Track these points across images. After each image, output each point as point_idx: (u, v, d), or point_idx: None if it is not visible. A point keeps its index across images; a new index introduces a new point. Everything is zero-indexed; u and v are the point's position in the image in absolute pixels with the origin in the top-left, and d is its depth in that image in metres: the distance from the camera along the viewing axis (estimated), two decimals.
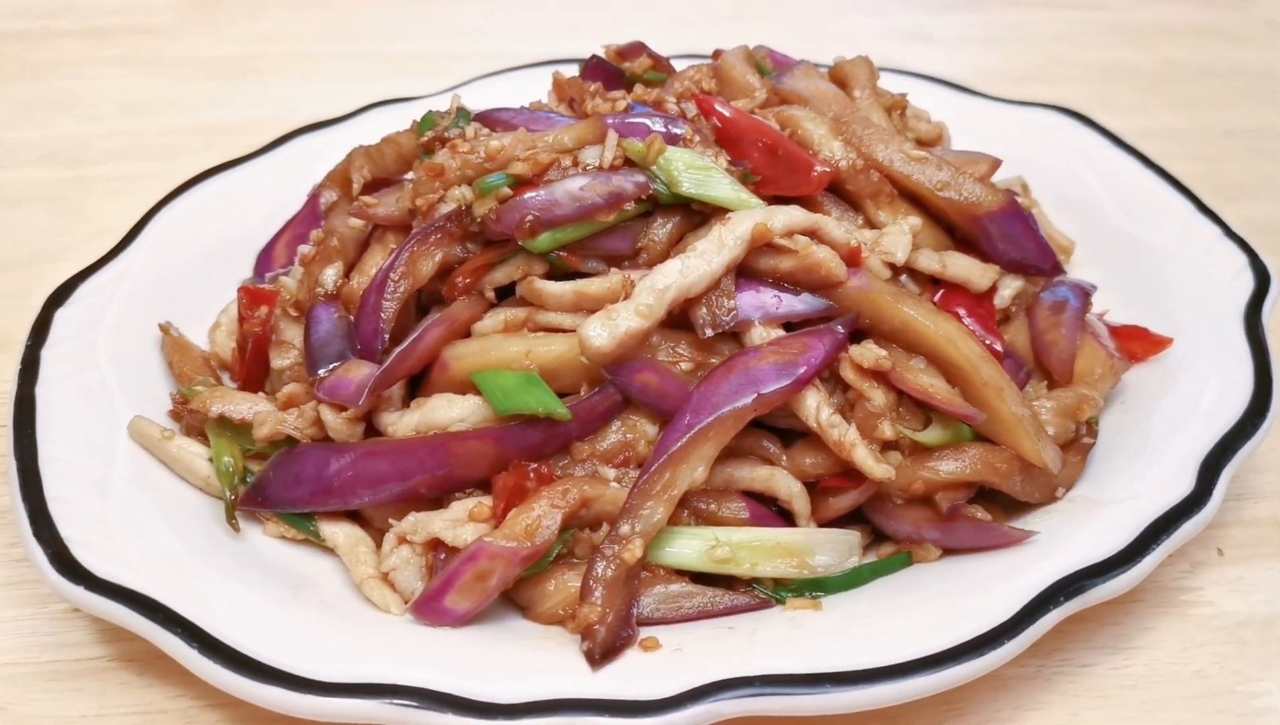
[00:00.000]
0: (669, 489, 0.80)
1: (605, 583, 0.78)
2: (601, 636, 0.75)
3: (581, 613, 0.76)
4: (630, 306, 0.84)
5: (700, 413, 0.81)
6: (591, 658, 0.74)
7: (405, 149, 1.04)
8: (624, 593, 0.78)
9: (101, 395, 0.92)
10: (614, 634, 0.75)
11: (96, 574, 0.76)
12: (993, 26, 1.89)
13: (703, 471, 0.81)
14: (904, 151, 0.96)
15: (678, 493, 0.80)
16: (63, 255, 1.26)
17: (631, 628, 0.77)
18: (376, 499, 0.85)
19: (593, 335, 0.83)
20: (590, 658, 0.75)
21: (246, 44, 1.75)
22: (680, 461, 0.80)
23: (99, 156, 1.46)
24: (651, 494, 0.80)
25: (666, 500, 0.80)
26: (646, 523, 0.80)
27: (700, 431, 0.81)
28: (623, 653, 0.75)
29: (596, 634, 0.75)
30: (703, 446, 0.81)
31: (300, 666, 0.71)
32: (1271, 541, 0.97)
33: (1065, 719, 0.81)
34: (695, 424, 0.81)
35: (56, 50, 1.70)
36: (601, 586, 0.78)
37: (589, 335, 0.83)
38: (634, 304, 0.84)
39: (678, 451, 0.80)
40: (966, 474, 0.85)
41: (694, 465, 0.81)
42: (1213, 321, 1.01)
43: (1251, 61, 1.80)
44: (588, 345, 0.83)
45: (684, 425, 0.81)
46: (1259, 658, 0.86)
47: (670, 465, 0.80)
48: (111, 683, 0.83)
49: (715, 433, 0.81)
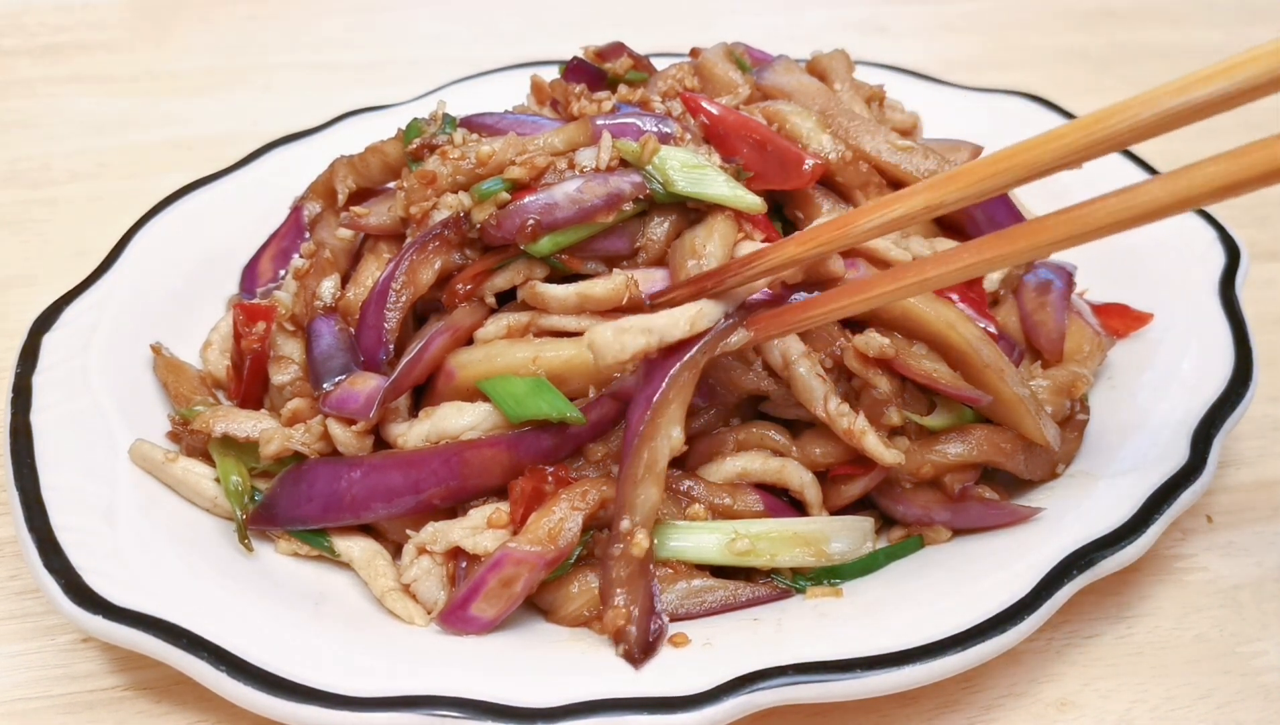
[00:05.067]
0: (652, 468, 0.80)
1: (623, 583, 0.78)
2: (635, 636, 0.75)
3: (608, 619, 0.77)
4: (642, 327, 0.81)
5: (653, 381, 0.81)
6: (632, 658, 0.75)
7: (392, 157, 1.03)
8: (643, 585, 0.79)
9: (98, 420, 0.91)
10: (645, 629, 0.76)
11: (115, 603, 0.75)
12: (945, 16, 1.92)
13: (679, 434, 0.81)
14: (890, 142, 0.98)
15: (662, 466, 0.80)
16: (35, 280, 1.24)
17: (660, 617, 0.78)
18: (390, 512, 0.85)
19: (602, 343, 0.81)
20: (630, 659, 0.75)
21: (201, 57, 1.72)
22: (651, 436, 0.80)
23: (63, 177, 1.43)
24: (638, 480, 0.79)
25: (655, 479, 0.80)
26: (643, 510, 0.80)
27: (660, 399, 0.80)
28: (660, 645, 0.76)
29: (629, 635, 0.76)
30: (667, 410, 0.80)
31: (334, 683, 0.71)
32: (1257, 506, 1.00)
33: (1078, 689, 0.84)
34: (652, 394, 0.80)
35: (8, 70, 1.65)
36: (620, 588, 0.78)
37: (602, 343, 0.81)
38: (647, 328, 0.81)
39: (646, 428, 0.79)
40: (973, 455, 0.87)
41: (667, 432, 0.80)
42: (1189, 296, 1.04)
43: (1195, 41, 1.85)
44: (602, 354, 0.81)
45: (643, 399, 0.80)
46: (1255, 619, 0.89)
47: (645, 443, 0.79)
48: (129, 712, 0.81)
49: (675, 393, 0.81)
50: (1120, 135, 0.65)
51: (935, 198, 0.72)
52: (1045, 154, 0.67)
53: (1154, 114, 0.63)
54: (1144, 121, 0.64)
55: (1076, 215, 0.68)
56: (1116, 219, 0.67)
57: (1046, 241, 0.70)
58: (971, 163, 0.72)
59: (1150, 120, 0.64)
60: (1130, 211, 0.66)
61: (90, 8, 1.83)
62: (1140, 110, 0.64)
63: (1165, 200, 0.65)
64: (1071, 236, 0.69)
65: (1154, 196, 0.66)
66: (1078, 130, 0.66)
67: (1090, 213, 0.68)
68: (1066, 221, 0.69)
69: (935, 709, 0.81)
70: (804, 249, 0.79)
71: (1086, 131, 0.66)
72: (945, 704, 0.82)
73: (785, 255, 0.80)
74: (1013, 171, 0.69)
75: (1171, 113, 0.63)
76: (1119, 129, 0.65)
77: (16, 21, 1.77)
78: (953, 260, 0.75)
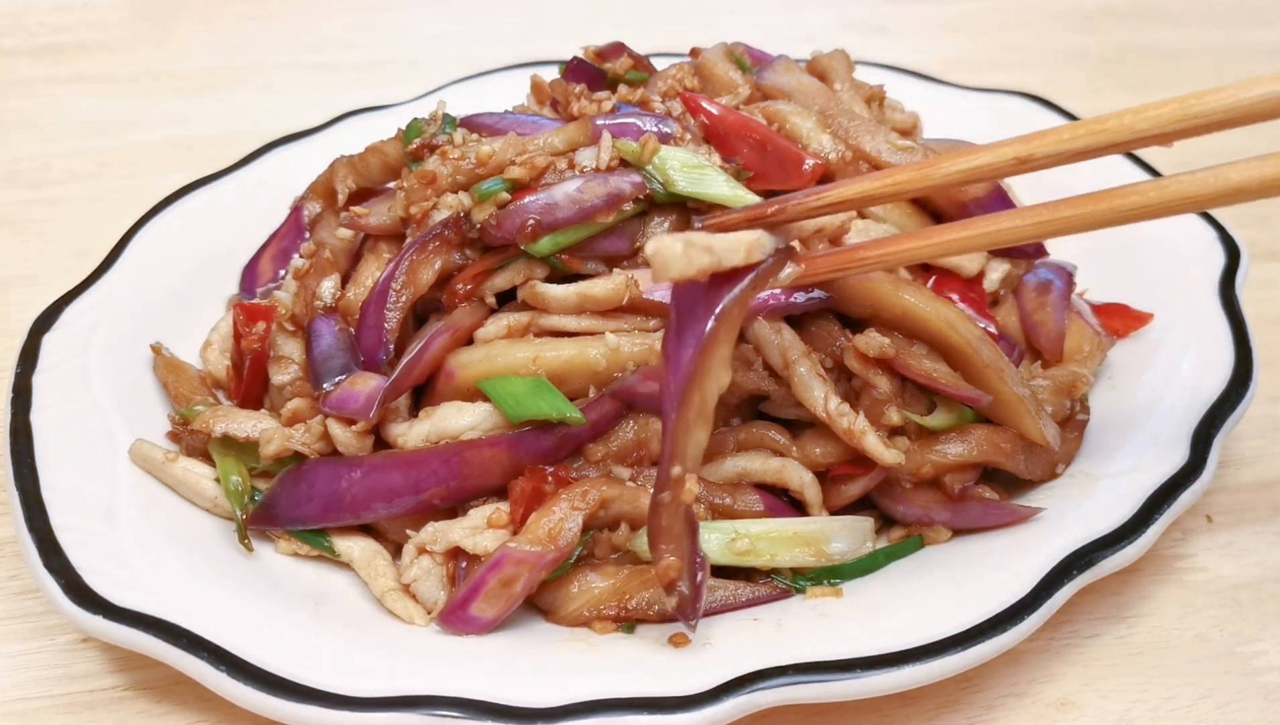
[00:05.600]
0: (703, 411, 0.73)
1: (673, 535, 0.74)
2: (688, 590, 0.74)
3: (660, 570, 0.73)
4: (704, 244, 0.72)
5: (696, 318, 0.73)
6: (685, 612, 0.74)
7: (391, 157, 1.03)
8: (690, 535, 0.76)
9: (98, 420, 0.91)
10: (695, 581, 0.74)
11: (115, 603, 0.75)
12: (945, 16, 1.92)
13: (728, 376, 0.74)
14: (890, 142, 0.98)
15: (711, 408, 0.74)
16: (35, 279, 1.24)
17: (703, 568, 0.76)
18: (390, 512, 0.85)
19: (669, 254, 0.70)
20: (684, 613, 0.74)
21: (201, 57, 1.72)
22: (703, 377, 0.72)
23: (63, 177, 1.43)
24: (690, 425, 0.73)
25: (705, 422, 0.74)
26: (694, 456, 0.74)
27: (711, 336, 0.72)
28: (703, 595, 0.75)
29: (682, 590, 0.74)
30: (718, 349, 0.73)
31: (334, 683, 0.71)
32: (1257, 506, 1.00)
33: (1078, 689, 0.84)
34: (701, 331, 0.72)
35: (9, 70, 1.65)
36: (669, 539, 0.74)
37: (669, 255, 0.70)
38: (708, 246, 0.72)
39: (698, 368, 0.72)
40: (973, 455, 0.87)
41: (716, 374, 0.73)
42: (1189, 296, 1.04)
43: (1195, 41, 1.85)
44: (667, 266, 0.70)
45: (690, 337, 0.73)
46: (1255, 619, 0.89)
47: (695, 386, 0.72)
48: (129, 712, 0.81)
49: (725, 331, 0.73)
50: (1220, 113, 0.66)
51: (1024, 150, 0.70)
52: (1140, 121, 0.67)
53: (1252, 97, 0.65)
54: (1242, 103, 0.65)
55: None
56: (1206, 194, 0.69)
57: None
58: (1066, 125, 0.71)
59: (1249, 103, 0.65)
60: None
61: (90, 8, 1.83)
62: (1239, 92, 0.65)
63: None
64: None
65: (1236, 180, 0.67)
66: (1174, 105, 0.67)
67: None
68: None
69: (935, 709, 0.81)
70: (878, 185, 0.75)
71: (1182, 106, 0.67)
72: (945, 704, 0.82)
73: (855, 190, 0.76)
74: (1106, 135, 0.68)
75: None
76: (1219, 106, 0.65)
77: (16, 21, 1.77)
78: (1023, 216, 0.73)
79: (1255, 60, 1.78)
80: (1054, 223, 0.73)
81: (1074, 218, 0.72)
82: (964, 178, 0.73)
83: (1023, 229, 0.74)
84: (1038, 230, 0.74)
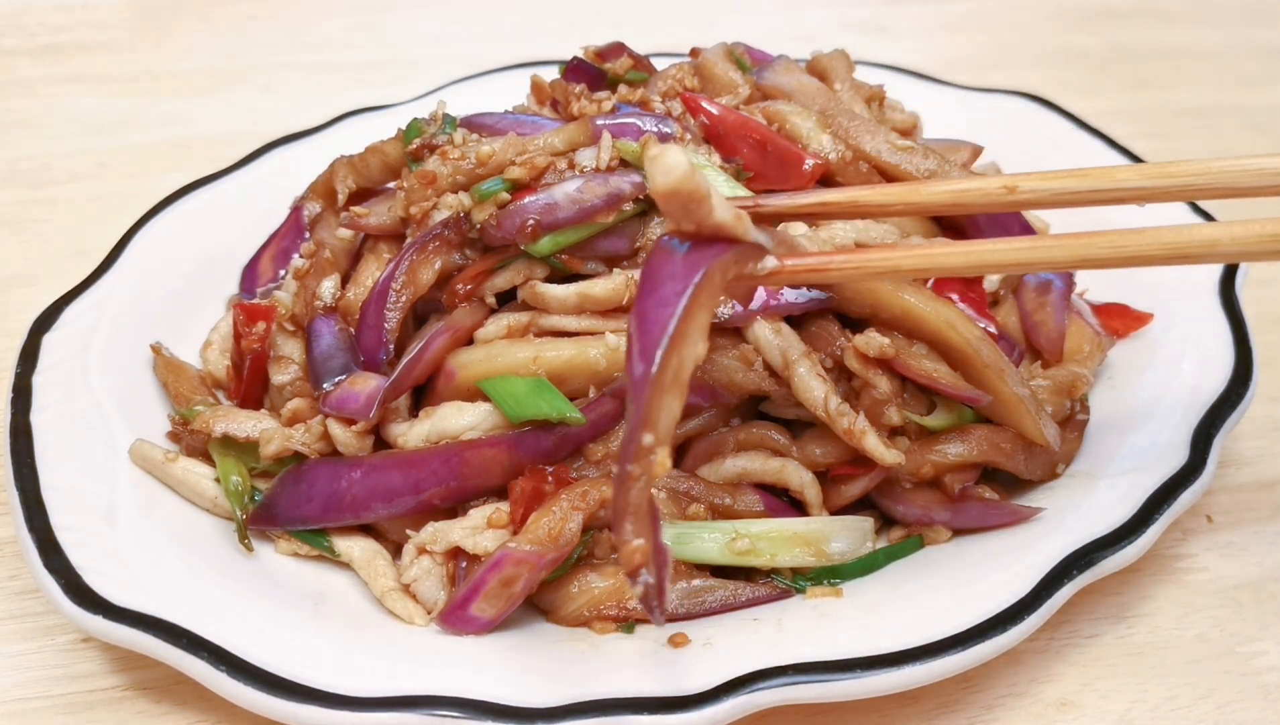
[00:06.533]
0: (678, 377, 0.67)
1: (638, 512, 0.66)
2: (652, 580, 0.66)
3: (624, 555, 0.66)
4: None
5: (676, 278, 0.67)
6: (650, 605, 0.66)
7: (391, 157, 1.03)
8: (650, 521, 0.68)
9: (98, 420, 0.91)
10: (660, 570, 0.67)
11: (115, 603, 0.75)
12: (945, 16, 1.92)
13: (703, 347, 0.68)
14: (890, 142, 0.98)
15: (685, 378, 0.68)
16: (35, 279, 1.24)
17: (664, 555, 0.68)
18: (390, 512, 0.85)
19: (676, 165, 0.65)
20: (649, 605, 0.66)
21: (201, 57, 1.72)
22: (681, 341, 0.66)
23: (63, 177, 1.42)
24: (664, 388, 0.66)
25: (679, 391, 0.67)
26: (666, 425, 0.66)
27: (692, 300, 0.66)
28: (667, 587, 0.67)
29: (646, 576, 0.66)
30: (696, 316, 0.67)
31: (334, 683, 0.71)
32: (1257, 506, 1.00)
33: (1077, 689, 0.84)
34: (681, 291, 0.66)
35: (9, 70, 1.65)
36: (633, 517, 0.66)
37: (676, 165, 0.65)
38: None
39: (677, 329, 0.66)
40: (973, 455, 0.87)
41: (694, 340, 0.67)
42: (1189, 296, 1.04)
43: (1195, 41, 1.85)
44: (670, 171, 0.65)
45: (671, 296, 0.67)
46: (1255, 619, 0.89)
47: (674, 347, 0.66)
48: (129, 712, 0.81)
49: (705, 299, 0.68)
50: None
51: (1013, 181, 0.70)
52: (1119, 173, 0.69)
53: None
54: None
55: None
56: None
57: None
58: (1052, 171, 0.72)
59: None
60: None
61: (90, 8, 1.83)
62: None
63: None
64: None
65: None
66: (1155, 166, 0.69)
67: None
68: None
69: (935, 709, 0.81)
70: (869, 195, 0.75)
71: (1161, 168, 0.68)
72: (945, 704, 0.82)
73: (840, 196, 0.75)
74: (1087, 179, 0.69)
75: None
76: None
77: (16, 21, 1.77)
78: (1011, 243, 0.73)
79: (1255, 60, 1.78)
80: (1040, 251, 0.72)
81: (1057, 250, 0.71)
82: (953, 198, 0.73)
83: (1007, 253, 0.73)
84: (1020, 257, 0.73)
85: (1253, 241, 0.67)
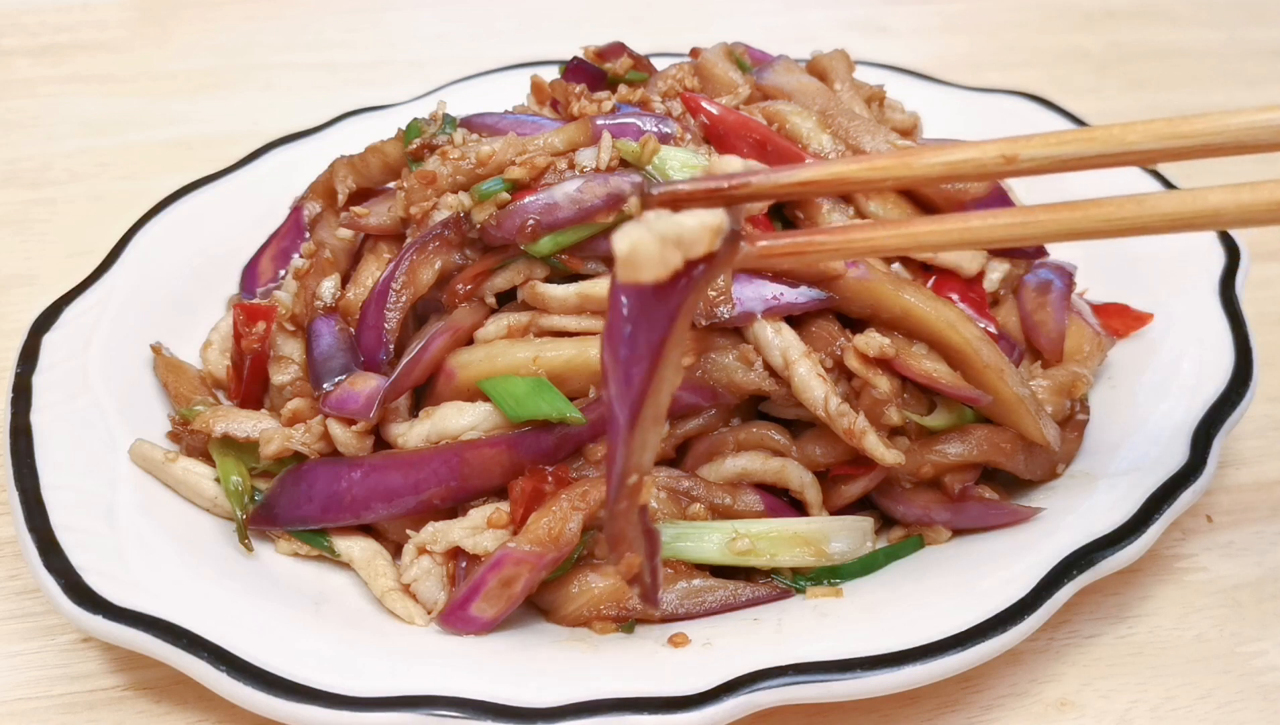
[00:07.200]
0: (656, 417, 0.67)
1: (635, 534, 0.70)
2: (648, 579, 0.71)
3: (623, 567, 0.71)
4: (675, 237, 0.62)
5: (651, 320, 0.63)
6: (649, 599, 0.72)
7: (391, 157, 1.03)
8: (645, 528, 0.71)
9: (98, 420, 0.91)
10: (652, 564, 0.71)
11: (115, 603, 0.75)
12: (946, 15, 1.92)
13: (678, 379, 0.68)
14: (890, 142, 0.98)
15: (664, 411, 0.68)
16: (35, 279, 1.24)
17: (656, 544, 0.72)
18: (390, 512, 0.85)
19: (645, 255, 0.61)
20: (649, 599, 0.72)
21: (201, 58, 1.72)
22: (656, 390, 0.65)
23: (63, 177, 1.42)
24: (644, 438, 0.66)
25: (656, 425, 0.67)
26: (648, 460, 0.68)
27: (669, 341, 0.64)
28: (659, 576, 0.72)
29: (644, 580, 0.72)
30: (672, 355, 0.65)
31: (334, 683, 0.71)
32: (1257, 506, 1.00)
33: (1077, 689, 0.84)
34: (655, 339, 0.64)
35: (9, 69, 1.65)
36: (629, 544, 0.70)
37: (645, 255, 0.61)
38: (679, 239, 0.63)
39: (651, 385, 0.64)
40: (973, 455, 0.87)
41: (670, 381, 0.66)
42: (1189, 296, 1.04)
43: (1195, 41, 1.85)
44: (639, 266, 0.61)
45: (645, 350, 0.63)
46: (1255, 619, 0.89)
47: (648, 400, 0.65)
48: (129, 712, 0.81)
49: (679, 334, 0.65)
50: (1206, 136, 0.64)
51: (1011, 149, 0.66)
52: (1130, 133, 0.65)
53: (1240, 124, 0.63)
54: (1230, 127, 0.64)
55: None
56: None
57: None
58: (1055, 131, 0.68)
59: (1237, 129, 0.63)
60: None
61: (90, 8, 1.83)
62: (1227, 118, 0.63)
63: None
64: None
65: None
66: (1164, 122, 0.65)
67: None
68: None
69: (935, 709, 0.81)
70: (855, 169, 0.68)
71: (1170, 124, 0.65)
72: (945, 704, 0.82)
73: (830, 171, 0.68)
74: (1094, 143, 0.65)
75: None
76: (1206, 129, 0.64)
77: (16, 21, 1.77)
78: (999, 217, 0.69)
79: (1255, 60, 1.78)
80: (1031, 226, 0.68)
81: (1049, 222, 0.67)
82: (946, 170, 0.68)
83: (995, 229, 0.68)
84: (1009, 232, 0.69)
85: (1261, 208, 0.64)
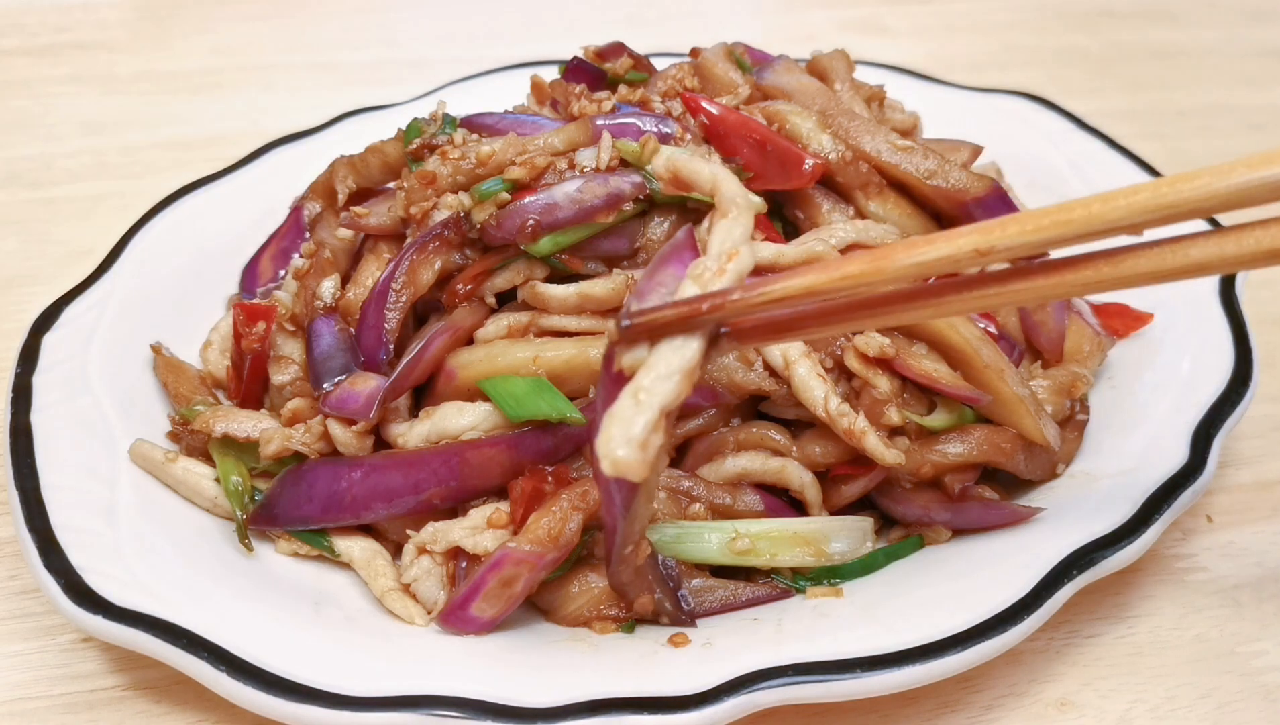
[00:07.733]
0: (649, 493, 0.72)
1: (635, 585, 0.79)
2: (670, 607, 0.77)
3: (639, 608, 0.79)
4: (650, 421, 0.64)
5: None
6: (679, 621, 0.80)
7: (392, 157, 1.03)
8: (655, 570, 0.80)
9: (98, 420, 0.91)
10: (676, 599, 0.78)
11: (115, 603, 0.75)
12: (946, 15, 1.92)
13: (657, 480, 0.72)
14: (890, 142, 0.98)
15: (655, 490, 0.74)
16: (35, 279, 1.24)
17: (683, 592, 0.81)
18: (390, 512, 0.85)
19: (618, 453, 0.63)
20: (678, 621, 0.80)
21: (201, 58, 1.72)
22: (637, 515, 0.72)
23: (63, 177, 1.43)
24: (636, 537, 0.74)
25: (649, 501, 0.73)
26: (641, 530, 0.75)
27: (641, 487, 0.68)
28: (680, 597, 0.80)
29: (665, 607, 0.78)
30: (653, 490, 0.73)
31: (334, 683, 0.71)
32: (1256, 506, 1.00)
33: (1077, 689, 0.84)
34: (626, 503, 0.69)
35: (9, 70, 1.66)
36: (635, 591, 0.79)
37: (626, 460, 0.63)
38: (651, 407, 0.64)
39: (635, 510, 0.71)
40: (973, 455, 0.87)
41: (653, 494, 0.76)
42: (1189, 296, 1.04)
43: (1195, 41, 1.85)
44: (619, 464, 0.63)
45: (621, 495, 0.68)
46: (1255, 618, 0.89)
47: (635, 521, 0.72)
48: (129, 712, 0.81)
49: (656, 476, 0.71)
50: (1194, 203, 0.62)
51: (984, 241, 0.64)
52: (1111, 211, 0.62)
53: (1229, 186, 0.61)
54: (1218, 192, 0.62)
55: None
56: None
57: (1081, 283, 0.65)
58: (1029, 212, 0.66)
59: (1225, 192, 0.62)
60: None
61: (90, 8, 1.83)
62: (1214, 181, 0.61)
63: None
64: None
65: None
66: (1149, 191, 0.62)
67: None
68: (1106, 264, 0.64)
69: (935, 709, 0.81)
70: (826, 278, 0.66)
71: (1156, 193, 0.62)
72: (945, 704, 0.82)
73: (800, 283, 0.66)
74: (1072, 225, 0.63)
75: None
76: (1192, 196, 0.62)
77: (16, 21, 1.77)
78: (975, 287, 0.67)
79: (1255, 60, 1.79)
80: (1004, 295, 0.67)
81: (1024, 291, 0.66)
82: (919, 271, 0.66)
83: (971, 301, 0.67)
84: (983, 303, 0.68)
85: (1246, 257, 0.64)
